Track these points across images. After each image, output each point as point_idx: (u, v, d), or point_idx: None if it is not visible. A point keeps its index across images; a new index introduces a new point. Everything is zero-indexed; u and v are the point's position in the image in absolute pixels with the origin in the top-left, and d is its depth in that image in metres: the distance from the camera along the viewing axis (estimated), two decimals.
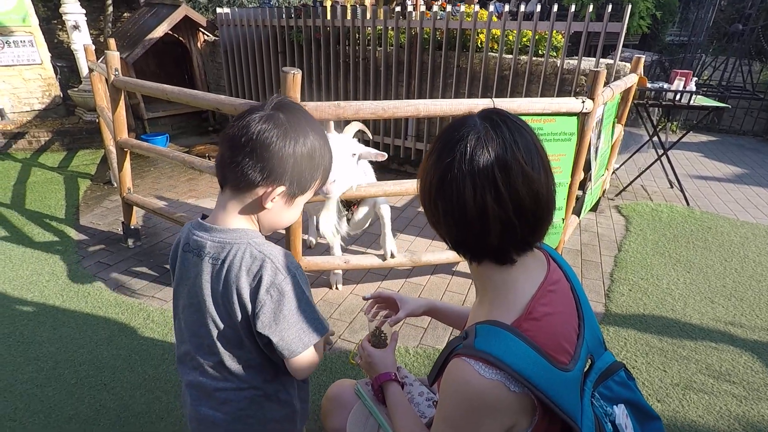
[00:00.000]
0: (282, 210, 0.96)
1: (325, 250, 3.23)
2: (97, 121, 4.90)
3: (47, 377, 2.06)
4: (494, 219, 0.75)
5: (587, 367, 0.85)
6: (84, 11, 5.55)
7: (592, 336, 0.86)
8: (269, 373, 1.02)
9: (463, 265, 2.95)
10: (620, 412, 0.85)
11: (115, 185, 4.17)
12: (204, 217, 1.00)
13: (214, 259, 0.93)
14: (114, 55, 2.78)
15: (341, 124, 5.04)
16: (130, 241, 3.22)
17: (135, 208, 3.16)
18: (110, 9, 7.26)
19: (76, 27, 5.49)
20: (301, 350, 0.94)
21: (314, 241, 3.30)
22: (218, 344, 0.97)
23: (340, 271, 2.82)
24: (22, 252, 3.08)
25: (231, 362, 0.98)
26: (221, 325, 0.95)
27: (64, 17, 5.50)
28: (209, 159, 4.85)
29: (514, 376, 0.70)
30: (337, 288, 2.77)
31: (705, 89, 5.79)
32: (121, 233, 3.31)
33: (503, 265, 0.81)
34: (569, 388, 0.76)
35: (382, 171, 4.62)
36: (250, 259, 0.91)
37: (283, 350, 0.93)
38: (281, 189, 0.91)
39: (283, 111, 0.91)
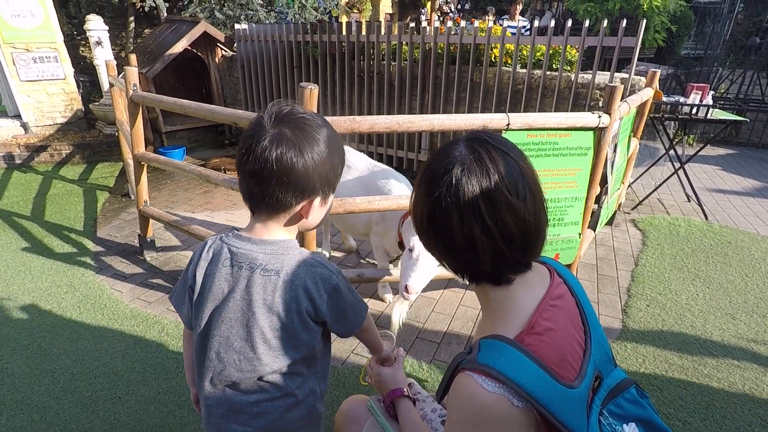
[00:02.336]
0: (319, 212, 1.02)
1: (338, 263, 3.23)
2: (116, 134, 5.00)
3: (63, 390, 2.08)
4: (483, 248, 0.77)
5: (596, 384, 0.84)
6: (107, 28, 5.72)
7: (600, 352, 0.86)
8: (301, 377, 1.04)
9: None
10: (630, 430, 0.84)
11: (133, 198, 4.24)
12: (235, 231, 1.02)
13: (265, 270, 0.96)
14: (132, 71, 2.83)
15: (355, 138, 5.09)
16: (146, 254, 3.26)
17: (151, 221, 3.21)
18: (132, 25, 7.46)
19: (99, 43, 5.65)
20: (359, 328, 1.10)
21: (327, 255, 3.30)
22: (260, 354, 0.97)
23: (388, 284, 2.81)
24: (41, 263, 3.13)
25: (269, 372, 0.99)
26: (269, 333, 0.97)
27: (87, 33, 5.67)
28: (224, 172, 4.91)
29: (517, 390, 0.70)
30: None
31: (722, 102, 5.70)
32: (138, 245, 3.36)
33: (500, 285, 0.83)
34: (574, 405, 0.75)
35: None
36: (307, 267, 0.98)
37: (346, 333, 1.08)
38: (317, 199, 0.97)
39: (286, 125, 0.91)
